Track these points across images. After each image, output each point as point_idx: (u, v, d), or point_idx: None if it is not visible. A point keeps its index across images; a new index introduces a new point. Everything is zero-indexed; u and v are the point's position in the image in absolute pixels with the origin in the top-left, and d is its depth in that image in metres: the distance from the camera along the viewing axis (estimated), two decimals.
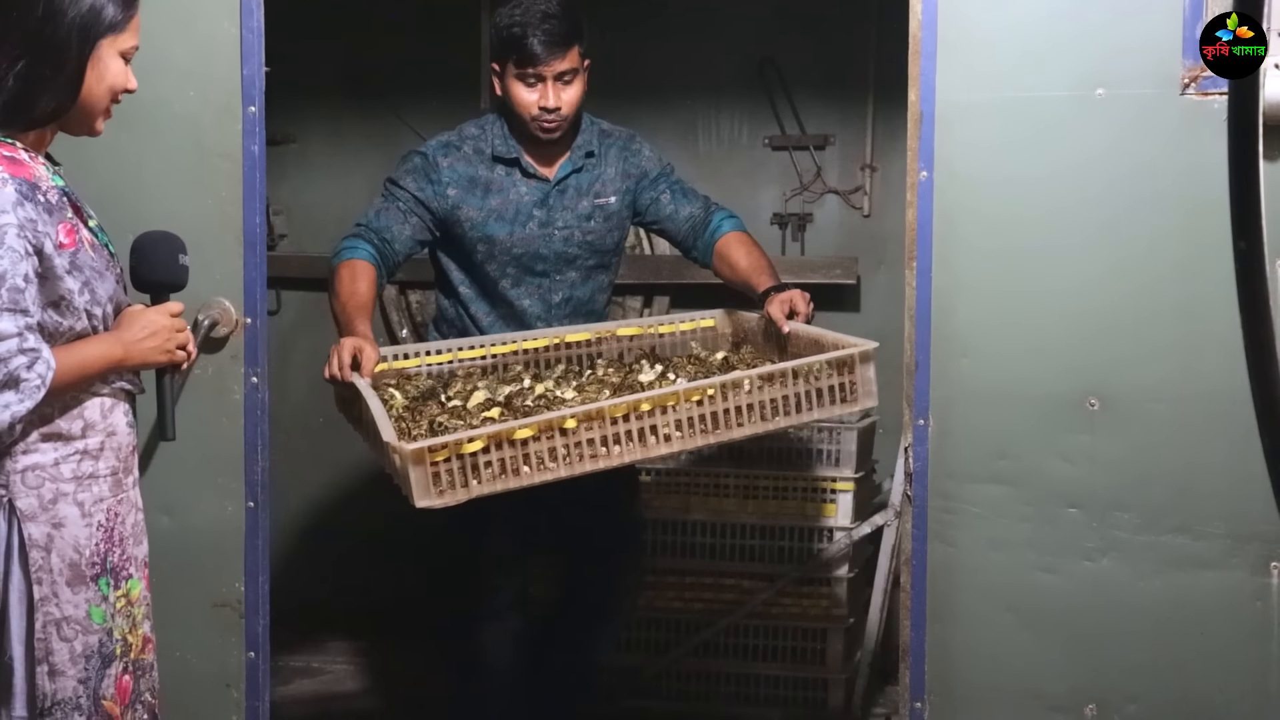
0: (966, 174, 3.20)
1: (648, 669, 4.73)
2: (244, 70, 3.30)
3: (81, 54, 2.68)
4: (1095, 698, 3.22)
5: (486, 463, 3.07)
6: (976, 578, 3.25)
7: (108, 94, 2.74)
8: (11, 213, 2.54)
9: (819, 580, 4.69)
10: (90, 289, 2.68)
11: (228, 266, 3.36)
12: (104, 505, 2.75)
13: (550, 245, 3.96)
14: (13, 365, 2.51)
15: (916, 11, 3.19)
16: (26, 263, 2.55)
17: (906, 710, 3.31)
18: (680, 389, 3.24)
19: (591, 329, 4.03)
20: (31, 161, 2.65)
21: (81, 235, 2.68)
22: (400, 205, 3.89)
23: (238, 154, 3.33)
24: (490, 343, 3.92)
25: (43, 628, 2.67)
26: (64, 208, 2.67)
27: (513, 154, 3.93)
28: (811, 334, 3.57)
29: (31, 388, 2.53)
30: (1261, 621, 3.12)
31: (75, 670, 2.70)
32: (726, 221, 4.05)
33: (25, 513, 2.66)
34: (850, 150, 5.79)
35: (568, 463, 3.16)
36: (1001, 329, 3.22)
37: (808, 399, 3.31)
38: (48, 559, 2.68)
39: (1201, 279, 3.03)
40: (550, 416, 3.13)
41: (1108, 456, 3.18)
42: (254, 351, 3.38)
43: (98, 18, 2.69)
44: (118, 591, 2.76)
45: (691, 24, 5.70)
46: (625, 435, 3.20)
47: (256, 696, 3.44)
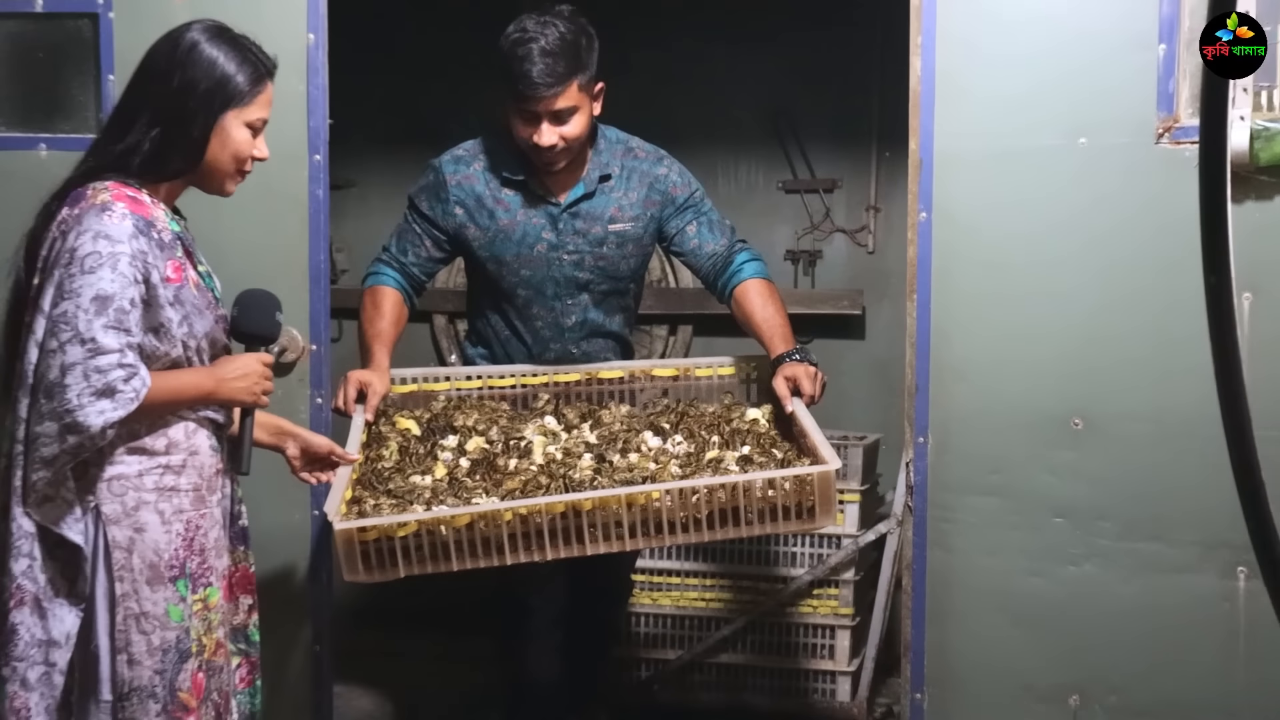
0: (962, 215, 3.20)
1: (675, 662, 4.73)
2: (310, 123, 3.33)
3: (206, 124, 2.74)
4: (1078, 689, 3.22)
5: (418, 545, 2.95)
6: (971, 581, 3.25)
7: (232, 161, 2.79)
8: (127, 243, 2.62)
9: (828, 583, 4.67)
10: (189, 322, 2.72)
11: (295, 299, 3.37)
12: (184, 516, 2.76)
13: (560, 269, 3.73)
14: (111, 377, 2.56)
15: (916, 68, 3.20)
16: (134, 289, 2.62)
17: (907, 701, 3.31)
18: (622, 493, 3.02)
19: (624, 367, 3.82)
20: (153, 205, 2.73)
21: (188, 274, 2.74)
22: (416, 226, 3.76)
23: (304, 197, 3.35)
24: (522, 373, 3.77)
25: (123, 621, 2.68)
26: (175, 248, 2.73)
27: (519, 176, 3.69)
28: (802, 425, 3.27)
29: (126, 399, 2.57)
30: (1229, 621, 3.12)
31: (152, 661, 2.70)
32: (748, 265, 3.74)
33: (109, 517, 2.68)
34: (856, 193, 5.78)
35: (500, 554, 3.00)
36: (994, 356, 3.22)
37: (760, 517, 3.05)
38: (129, 559, 2.69)
39: (1175, 311, 3.03)
40: (484, 509, 2.99)
41: (1090, 471, 3.18)
42: (319, 375, 3.40)
43: (224, 91, 2.74)
44: (195, 595, 2.76)
45: (714, 79, 5.70)
46: (562, 530, 3.02)
47: (322, 685, 3.45)
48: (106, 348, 2.56)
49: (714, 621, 4.74)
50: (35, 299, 2.65)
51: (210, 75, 2.74)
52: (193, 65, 2.74)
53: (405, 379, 3.71)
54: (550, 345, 3.80)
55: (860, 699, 4.67)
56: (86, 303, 2.57)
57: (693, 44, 5.66)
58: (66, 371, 2.55)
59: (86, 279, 2.58)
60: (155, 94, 2.74)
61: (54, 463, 2.58)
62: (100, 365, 2.56)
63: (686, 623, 4.76)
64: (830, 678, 4.68)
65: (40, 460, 2.58)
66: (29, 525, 2.63)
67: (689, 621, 4.76)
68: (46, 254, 2.68)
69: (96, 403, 2.55)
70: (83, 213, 2.64)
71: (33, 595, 2.65)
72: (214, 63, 2.75)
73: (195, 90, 2.73)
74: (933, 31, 3.18)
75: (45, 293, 2.62)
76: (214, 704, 2.80)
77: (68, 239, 2.62)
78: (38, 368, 2.60)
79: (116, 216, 2.63)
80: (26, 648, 2.65)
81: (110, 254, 2.60)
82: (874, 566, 4.80)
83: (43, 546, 2.65)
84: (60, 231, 2.66)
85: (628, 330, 3.99)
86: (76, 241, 2.60)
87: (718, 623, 4.73)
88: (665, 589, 4.75)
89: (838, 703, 4.67)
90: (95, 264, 2.58)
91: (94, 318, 2.57)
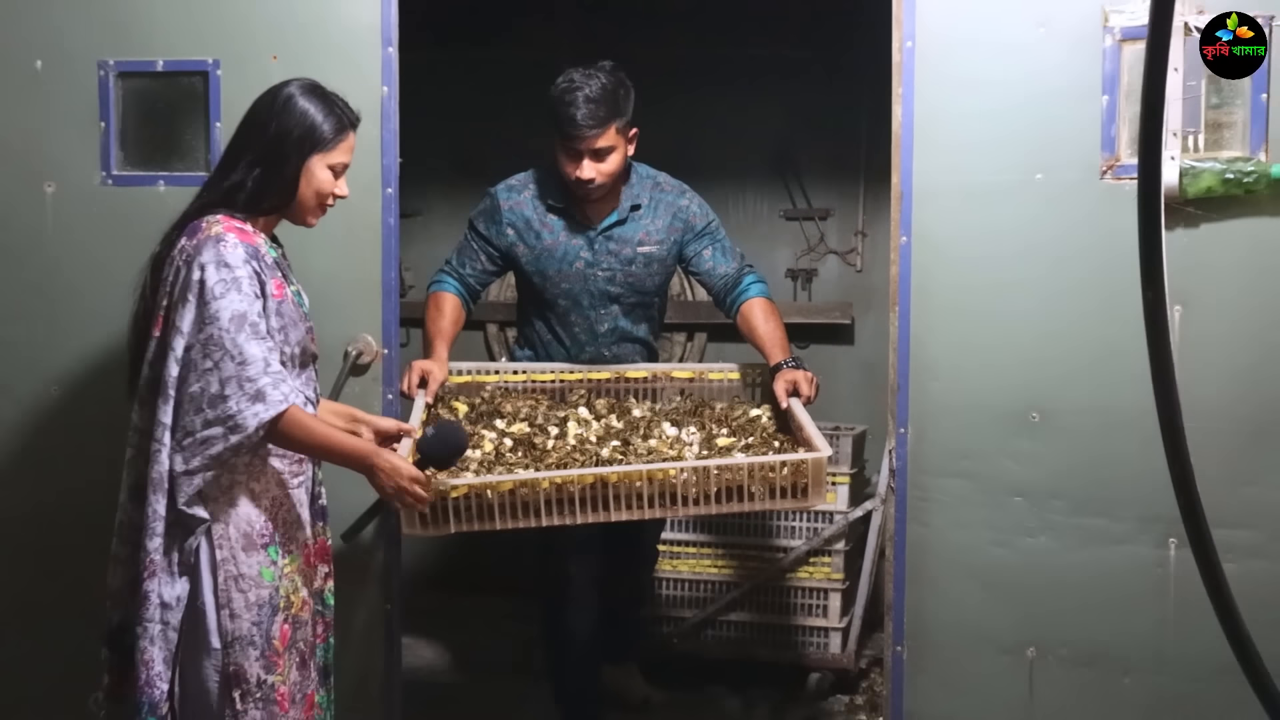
0: (937, 239, 3.21)
1: (691, 620, 4.74)
2: (383, 161, 3.34)
3: (296, 166, 2.78)
4: (1034, 642, 3.22)
5: (466, 507, 2.99)
6: (944, 551, 3.25)
7: (314, 197, 2.83)
8: (244, 267, 2.67)
9: (822, 552, 4.67)
10: (285, 331, 2.77)
11: (370, 311, 3.39)
12: (270, 495, 2.81)
13: (595, 284, 3.79)
14: (261, 384, 2.63)
15: (897, 116, 3.20)
16: (258, 303, 2.68)
17: (889, 653, 3.31)
18: (644, 469, 3.05)
19: (648, 368, 3.85)
20: (256, 235, 2.78)
21: (286, 292, 2.79)
22: (473, 244, 3.83)
23: (378, 225, 3.36)
24: (560, 371, 3.81)
25: (224, 582, 2.73)
26: (275, 270, 2.78)
27: (562, 204, 3.75)
28: (799, 419, 3.32)
29: (275, 401, 2.64)
30: (1161, 583, 3.12)
31: (249, 615, 2.74)
32: (753, 286, 3.80)
33: (208, 495, 2.73)
34: (846, 220, 5.78)
35: (536, 517, 3.04)
36: (964, 359, 3.22)
37: (761, 495, 3.07)
38: (227, 530, 2.74)
39: (1117, 321, 3.02)
40: (524, 476, 3.04)
41: (1045, 457, 3.18)
42: (390, 374, 3.41)
43: (311, 137, 2.78)
44: (284, 560, 2.81)
45: (726, 124, 5.70)
46: (590, 499, 3.04)
47: (391, 638, 3.46)
48: (252, 357, 2.63)
49: (724, 585, 4.75)
50: (169, 318, 2.70)
51: (301, 124, 2.78)
52: (287, 115, 2.78)
53: (461, 370, 3.79)
54: (586, 348, 3.84)
55: (849, 651, 4.68)
56: (226, 323, 2.62)
57: (709, 95, 5.67)
58: (225, 384, 2.62)
59: (220, 303, 2.63)
60: (256, 140, 2.78)
61: (220, 459, 2.66)
62: (249, 375, 2.63)
63: (701, 586, 4.77)
64: (824, 633, 4.69)
65: (210, 458, 2.65)
66: (162, 509, 2.68)
67: (703, 585, 4.77)
68: (170, 276, 2.73)
69: (251, 406, 2.62)
70: (200, 243, 2.68)
71: (160, 567, 2.70)
72: (305, 114, 2.78)
73: (289, 137, 2.77)
74: (911, 85, 3.18)
75: (182, 316, 2.67)
76: (299, 651, 2.85)
77: (191, 268, 2.67)
78: (184, 382, 2.66)
79: (230, 245, 2.68)
80: (153, 610, 2.70)
81: (233, 279, 2.64)
82: (861, 538, 4.81)
83: (165, 525, 2.70)
84: (183, 260, 2.70)
85: (653, 337, 4.03)
86: (203, 274, 2.65)
87: (727, 586, 4.74)
88: (683, 557, 4.76)
89: (830, 654, 4.68)
90: (223, 290, 2.63)
91: (236, 334, 2.63)
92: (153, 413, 2.71)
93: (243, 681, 2.74)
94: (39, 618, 3.56)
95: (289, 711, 2.79)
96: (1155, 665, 3.14)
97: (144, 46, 3.44)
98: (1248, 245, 3.01)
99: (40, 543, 3.57)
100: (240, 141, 2.82)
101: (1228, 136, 3.00)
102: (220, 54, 3.40)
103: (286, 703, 2.78)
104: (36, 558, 3.57)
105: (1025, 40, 3.13)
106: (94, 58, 3.45)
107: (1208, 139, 3.00)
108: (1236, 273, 3.03)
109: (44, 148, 3.50)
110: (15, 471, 3.58)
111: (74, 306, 3.50)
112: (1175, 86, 2.97)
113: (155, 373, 2.73)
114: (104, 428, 3.38)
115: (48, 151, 3.50)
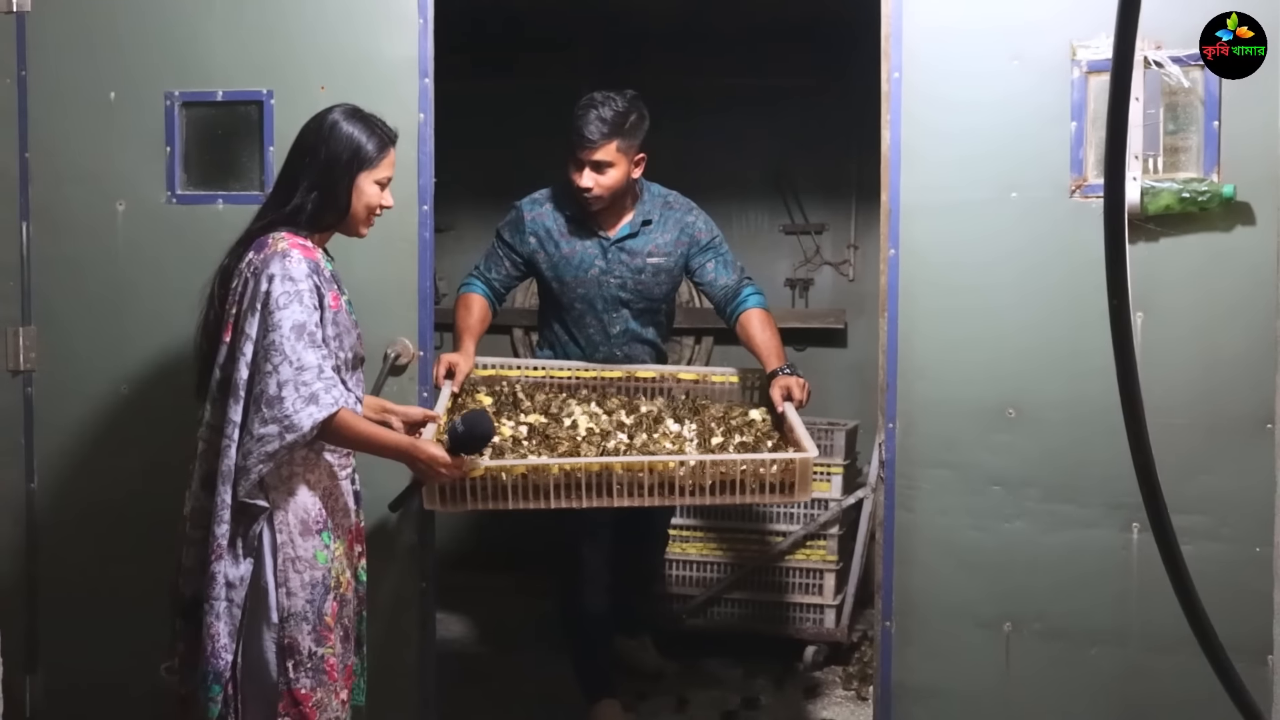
0: (922, 252, 3.21)
1: (699, 597, 4.75)
2: (420, 181, 3.36)
3: (348, 186, 2.81)
4: (1011, 617, 3.22)
5: (483, 487, 3.02)
6: (928, 535, 3.26)
7: (365, 211, 2.85)
8: (306, 280, 2.70)
9: (818, 536, 4.68)
10: (340, 338, 2.80)
11: (407, 316, 3.41)
12: (323, 485, 2.83)
13: (608, 290, 3.81)
14: (315, 387, 2.66)
15: (886, 139, 3.21)
16: (316, 314, 2.71)
17: (879, 627, 3.32)
18: (646, 460, 3.07)
19: (657, 369, 3.84)
20: (315, 250, 2.81)
21: (341, 302, 2.82)
22: (499, 251, 3.86)
23: (415, 239, 3.37)
24: (576, 368, 3.82)
25: (282, 564, 2.76)
26: (332, 282, 2.81)
27: (580, 215, 3.77)
28: (790, 421, 3.33)
29: (328, 403, 2.66)
30: (1125, 564, 3.12)
31: (304, 594, 2.77)
32: (751, 298, 3.80)
33: (270, 485, 2.75)
34: (839, 234, 5.79)
35: (546, 499, 3.06)
36: (947, 360, 3.22)
37: (752, 489, 3.09)
38: (285, 516, 2.76)
39: (1085, 326, 3.03)
40: (536, 462, 3.05)
41: (1021, 449, 3.19)
42: (425, 374, 3.43)
43: (358, 158, 2.80)
44: (334, 544, 2.83)
45: (729, 145, 5.72)
46: (596, 485, 3.06)
47: (426, 612, 3.48)
48: (308, 363, 2.66)
49: (729, 566, 4.76)
50: (239, 325, 2.73)
51: (348, 147, 2.80)
52: (335, 140, 2.80)
53: (486, 365, 3.80)
54: (599, 348, 3.87)
55: (842, 626, 4.69)
56: (287, 331, 2.64)
57: (714, 118, 5.69)
58: (282, 387, 2.64)
59: (283, 314, 2.65)
60: (308, 165, 2.80)
61: (275, 455, 2.67)
62: (305, 379, 2.65)
63: (707, 567, 4.78)
64: (819, 610, 4.70)
65: (266, 455, 2.67)
66: (229, 498, 2.71)
67: (709, 566, 4.78)
68: (239, 287, 2.75)
69: (306, 408, 2.64)
70: (267, 258, 2.71)
71: (226, 550, 2.73)
72: (350, 137, 2.80)
73: (339, 162, 2.79)
74: (899, 111, 3.19)
75: (250, 323, 2.69)
76: (344, 626, 2.87)
77: (259, 280, 2.70)
78: (252, 383, 2.68)
79: (294, 261, 2.70)
80: (219, 589, 2.73)
81: (295, 291, 2.67)
82: (853, 524, 4.81)
83: (232, 513, 2.73)
84: (251, 273, 2.73)
85: (661, 339, 4.05)
86: (270, 285, 2.68)
87: (732, 567, 4.76)
88: (691, 541, 4.78)
89: (825, 629, 4.69)
90: (286, 301, 2.66)
91: (295, 342, 2.65)
92: (223, 411, 2.73)
93: (296, 653, 2.76)
94: (111, 593, 3.59)
95: (336, 680, 2.82)
96: (1120, 638, 3.14)
97: (205, 79, 3.47)
98: (1202, 258, 3.02)
99: (110, 525, 3.60)
100: (294, 166, 2.84)
101: (1184, 159, 3.01)
102: (274, 85, 3.43)
103: (334, 672, 2.81)
104: (107, 540, 3.60)
105: (1001, 71, 3.14)
106: (161, 89, 3.48)
107: (1166, 161, 3.01)
108: (1192, 283, 3.03)
109: (115, 170, 3.53)
110: (88, 461, 3.61)
111: (141, 312, 3.53)
112: (1136, 114, 2.98)
113: (226, 374, 2.75)
114: (167, 422, 3.41)
115: (119, 173, 3.53)
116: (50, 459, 3.62)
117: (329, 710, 2.80)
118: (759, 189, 5.81)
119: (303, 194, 2.80)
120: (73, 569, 3.62)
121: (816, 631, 4.69)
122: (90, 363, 3.58)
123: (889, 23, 3.19)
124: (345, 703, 2.88)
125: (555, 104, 3.74)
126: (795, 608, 4.71)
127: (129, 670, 3.46)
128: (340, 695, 2.84)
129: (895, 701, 3.30)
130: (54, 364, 3.60)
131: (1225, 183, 2.96)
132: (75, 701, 3.64)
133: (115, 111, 3.52)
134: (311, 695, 2.77)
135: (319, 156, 2.80)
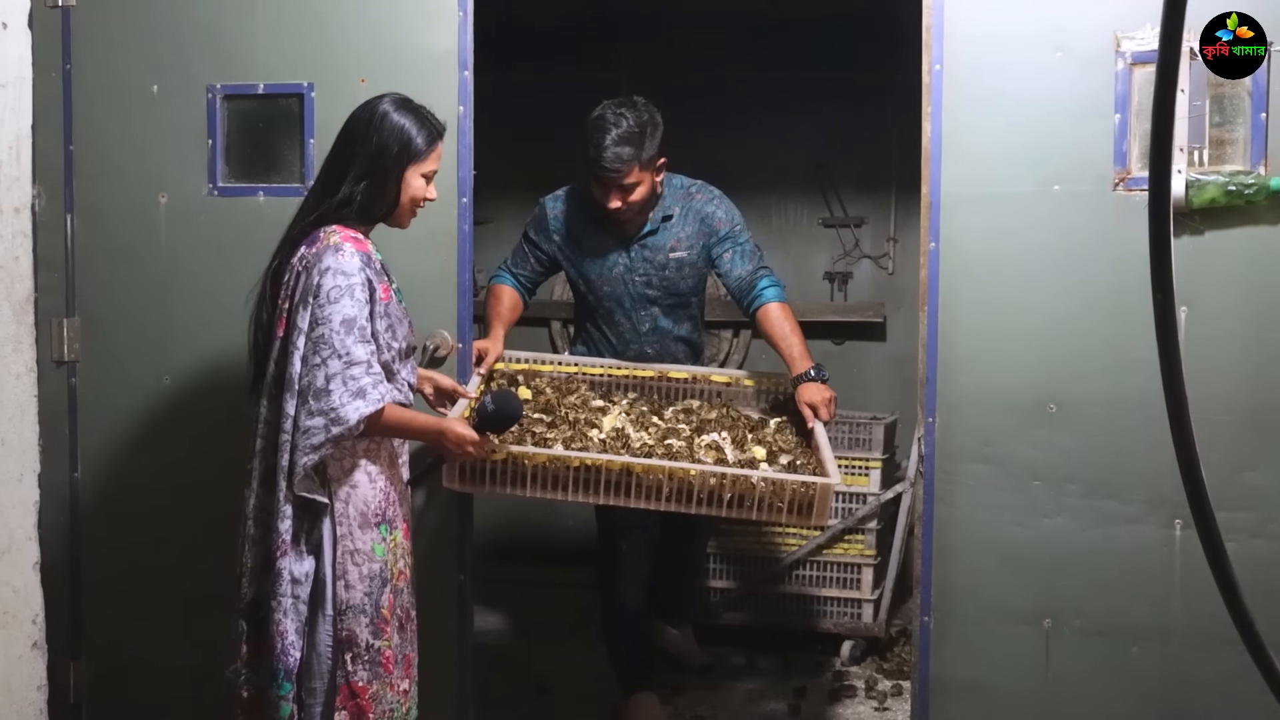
0: (963, 245, 3.19)
1: (737, 591, 4.75)
2: (459, 174, 3.36)
3: (397, 178, 2.80)
4: (1050, 614, 3.20)
5: (503, 471, 3.04)
6: (968, 529, 3.24)
7: (411, 203, 2.85)
8: (358, 274, 2.70)
9: (856, 530, 4.68)
10: (392, 330, 2.80)
11: (446, 308, 3.41)
12: (383, 475, 2.83)
13: (634, 288, 3.80)
14: (363, 382, 2.67)
15: (927, 132, 3.19)
16: (366, 308, 2.71)
17: (918, 623, 3.31)
18: (666, 465, 3.06)
19: (689, 370, 3.80)
20: (366, 242, 2.81)
21: (391, 292, 2.82)
22: (525, 248, 3.86)
23: (454, 231, 3.38)
24: (610, 366, 3.79)
25: (341, 556, 2.76)
26: (383, 274, 2.81)
27: (601, 215, 3.73)
28: (817, 441, 3.31)
29: (374, 398, 2.67)
30: (1167, 561, 3.09)
31: (362, 586, 2.77)
32: (767, 290, 3.71)
33: (332, 477, 2.76)
34: (879, 227, 5.78)
35: (564, 490, 3.07)
36: (987, 355, 3.20)
37: (769, 509, 3.09)
38: (346, 509, 2.77)
39: (1129, 320, 3.01)
40: (554, 453, 3.06)
41: (1062, 445, 3.16)
42: (465, 366, 3.43)
43: (408, 150, 2.80)
44: (391, 536, 2.83)
45: (770, 141, 5.72)
46: (615, 484, 3.07)
47: (464, 604, 3.49)
48: (358, 358, 2.66)
49: (768, 560, 4.76)
50: (292, 319, 2.73)
51: (399, 139, 2.79)
52: (384, 131, 2.78)
53: (518, 359, 3.80)
54: (630, 345, 3.88)
55: (880, 620, 4.68)
56: (337, 325, 2.65)
57: (755, 113, 5.69)
58: (330, 380, 2.64)
59: (333, 308, 2.65)
60: (358, 155, 2.79)
61: (320, 448, 2.67)
62: (354, 374, 2.65)
63: (746, 561, 4.78)
64: (857, 604, 4.69)
65: (310, 447, 2.67)
66: (290, 493, 2.71)
67: (748, 560, 4.78)
68: (291, 281, 2.76)
69: (353, 402, 2.64)
70: (320, 252, 2.71)
71: (290, 546, 2.74)
72: (401, 129, 2.79)
73: (389, 153, 2.78)
74: (939, 104, 3.17)
75: (303, 316, 2.69)
76: (398, 617, 2.87)
77: (311, 274, 2.70)
78: (303, 376, 2.68)
79: (347, 255, 2.70)
80: (286, 585, 2.74)
81: (347, 285, 2.67)
82: (892, 518, 4.81)
83: (294, 508, 2.73)
84: (304, 266, 2.73)
85: (696, 334, 4.02)
86: (321, 279, 2.68)
87: (771, 561, 4.75)
88: (730, 535, 4.77)
89: (862, 623, 4.68)
90: (338, 295, 2.66)
91: (344, 336, 2.65)
92: (280, 406, 2.73)
93: (353, 645, 2.77)
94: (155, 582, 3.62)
95: (393, 672, 2.82)
96: (1161, 636, 3.11)
97: (247, 71, 3.49)
98: (1248, 252, 2.98)
99: (153, 515, 3.63)
100: (342, 156, 2.82)
101: (1230, 152, 2.97)
102: (314, 78, 3.44)
103: (391, 665, 2.82)
104: (150, 529, 3.63)
105: (1044, 63, 3.12)
106: (203, 82, 3.51)
107: (1211, 154, 2.98)
108: (1238, 277, 3.00)
109: (159, 162, 3.56)
110: (131, 451, 3.64)
111: (182, 303, 3.56)
112: (1182, 106, 2.94)
113: (280, 370, 2.75)
114: (209, 412, 3.43)
115: (161, 165, 3.56)
116: (94, 449, 3.66)
117: (384, 703, 2.81)
118: (799, 182, 5.80)
119: (350, 184, 2.78)
120: (116, 557, 3.66)
121: (854, 626, 4.68)
122: (133, 353, 3.61)
123: (930, 15, 3.17)
124: (406, 693, 2.88)
125: (596, 98, 3.73)
126: (834, 602, 4.71)
127: (172, 656, 3.49)
128: (399, 686, 2.85)
129: (933, 697, 3.28)
130: (97, 355, 3.64)
131: (1272, 176, 2.92)
132: (118, 687, 3.68)
133: (158, 104, 3.55)
134: (368, 688, 2.78)
135: (369, 146, 2.78)
